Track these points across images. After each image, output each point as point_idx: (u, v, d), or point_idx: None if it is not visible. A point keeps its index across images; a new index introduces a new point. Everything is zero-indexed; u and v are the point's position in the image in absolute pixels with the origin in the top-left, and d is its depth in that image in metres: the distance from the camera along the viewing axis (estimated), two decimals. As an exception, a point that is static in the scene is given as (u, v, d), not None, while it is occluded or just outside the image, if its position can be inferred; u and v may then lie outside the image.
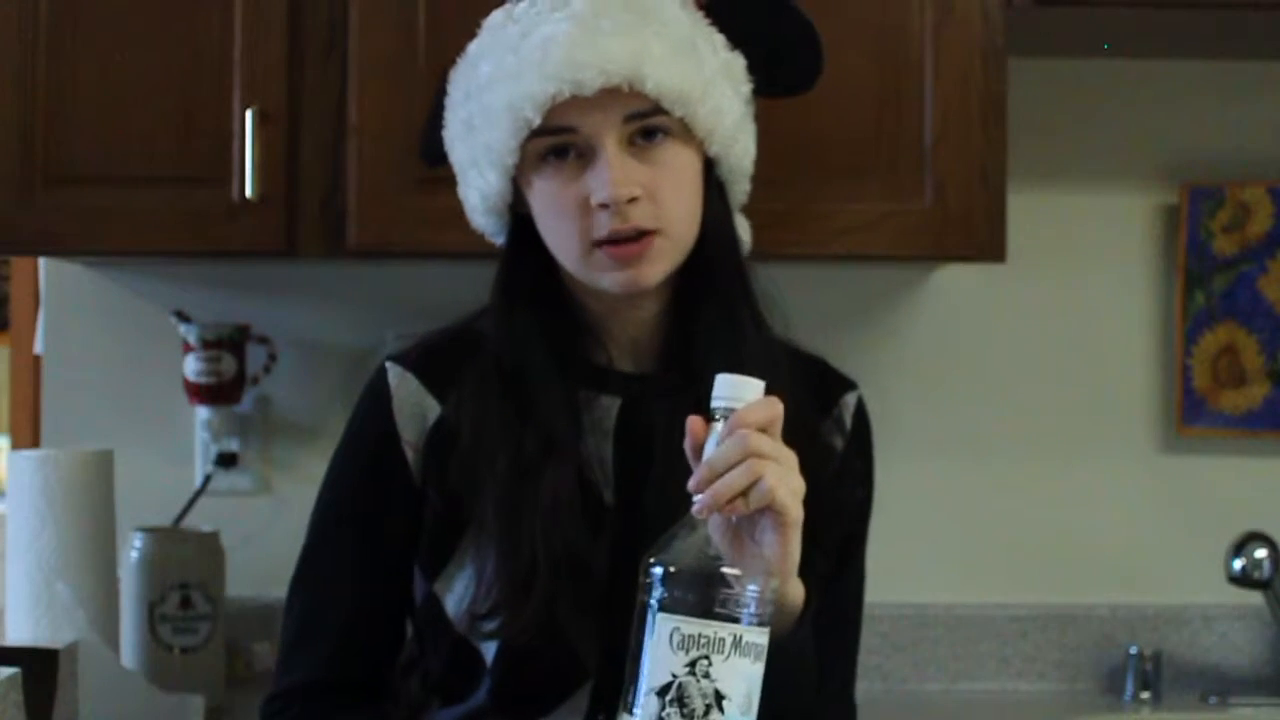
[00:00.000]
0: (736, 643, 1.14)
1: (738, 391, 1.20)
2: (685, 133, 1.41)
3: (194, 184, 2.15)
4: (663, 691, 1.14)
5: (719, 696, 1.14)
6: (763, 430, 1.20)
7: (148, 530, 2.28)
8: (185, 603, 2.24)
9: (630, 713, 1.16)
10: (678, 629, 1.14)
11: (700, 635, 1.14)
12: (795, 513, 1.21)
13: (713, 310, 1.44)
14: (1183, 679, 2.48)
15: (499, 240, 1.53)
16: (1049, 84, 2.49)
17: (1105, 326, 2.54)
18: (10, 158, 2.14)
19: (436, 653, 1.50)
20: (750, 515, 1.20)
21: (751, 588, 1.15)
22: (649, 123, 1.39)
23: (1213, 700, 2.42)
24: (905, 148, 2.16)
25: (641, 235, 1.39)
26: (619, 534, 1.43)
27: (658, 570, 1.16)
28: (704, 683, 1.14)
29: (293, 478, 2.48)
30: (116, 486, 2.12)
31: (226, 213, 2.15)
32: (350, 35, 2.15)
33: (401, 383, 1.49)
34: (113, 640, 2.10)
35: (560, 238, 1.43)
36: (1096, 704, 2.43)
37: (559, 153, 1.41)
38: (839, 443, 1.52)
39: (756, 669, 1.16)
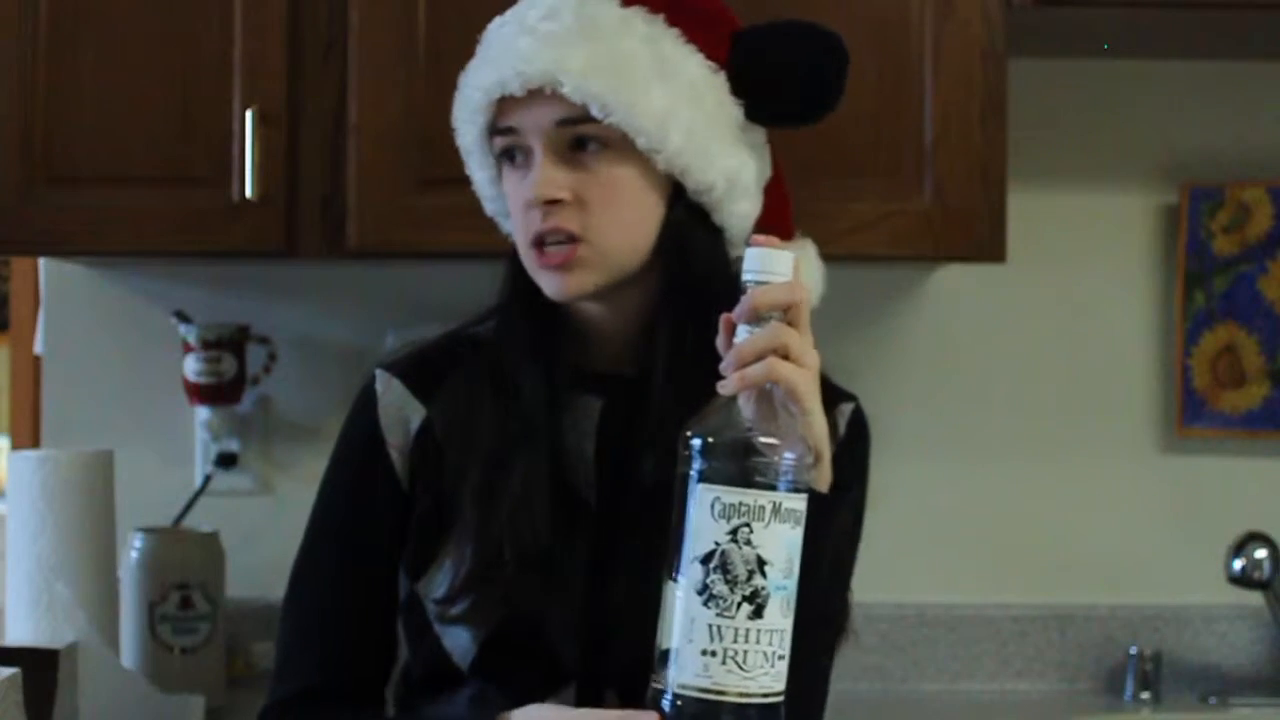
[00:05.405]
0: (776, 509, 1.18)
1: (767, 265, 1.24)
2: (627, 145, 1.41)
3: (194, 184, 2.15)
4: (706, 559, 1.18)
5: (761, 562, 1.18)
6: (785, 309, 1.24)
7: (148, 530, 2.28)
8: (185, 603, 2.24)
9: (674, 580, 1.20)
10: (718, 498, 1.18)
11: (740, 504, 1.18)
12: (804, 389, 1.25)
13: (677, 326, 1.43)
14: (1183, 679, 2.48)
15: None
16: (1049, 84, 2.49)
17: (1105, 326, 2.54)
18: (10, 158, 2.14)
19: (419, 653, 1.50)
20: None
21: (788, 455, 1.20)
22: (580, 130, 1.41)
23: (1213, 700, 2.42)
24: (905, 148, 2.17)
25: (568, 243, 1.41)
26: (599, 535, 1.43)
27: (696, 442, 1.20)
28: (746, 549, 1.18)
29: (293, 478, 2.48)
30: (116, 486, 2.12)
31: (226, 213, 2.15)
32: (350, 35, 2.15)
33: (388, 389, 1.50)
34: (113, 640, 2.10)
35: (514, 235, 1.47)
36: (1096, 704, 2.43)
37: (512, 155, 1.45)
38: (831, 448, 1.51)
39: (796, 534, 1.20)
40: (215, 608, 2.26)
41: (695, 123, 1.42)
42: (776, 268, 1.24)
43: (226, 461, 2.47)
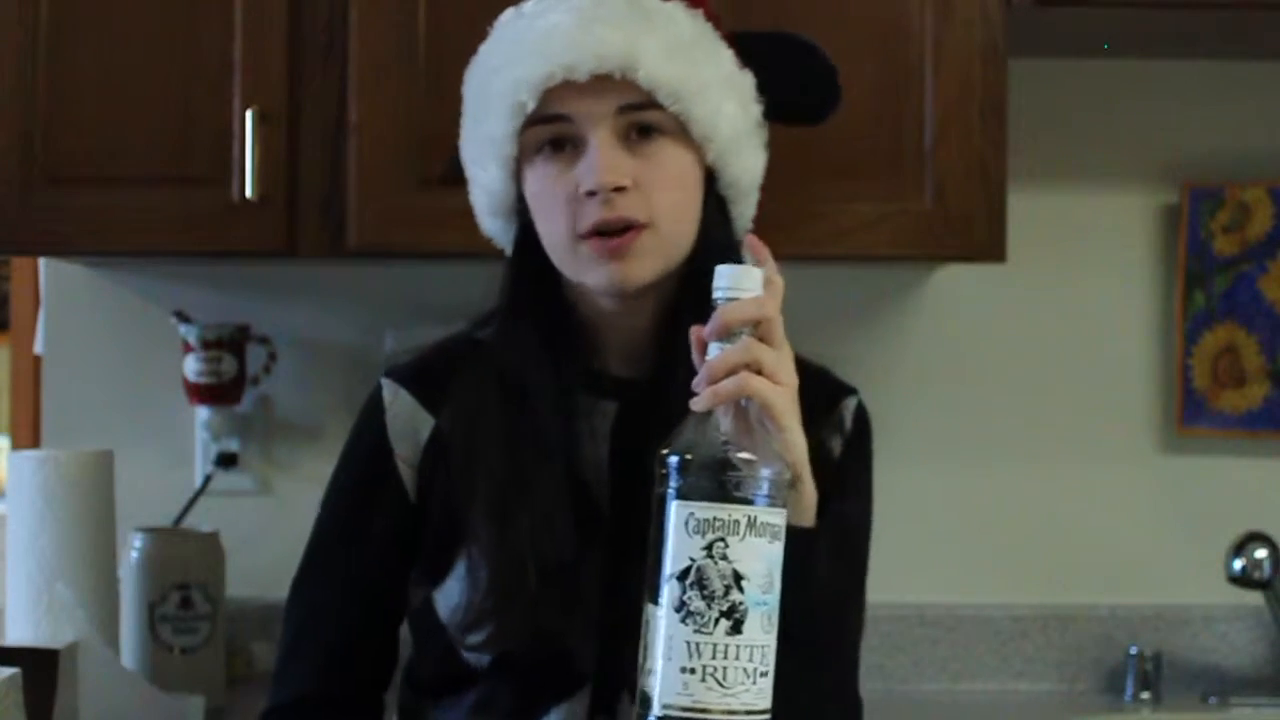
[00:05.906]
0: (751, 523, 1.17)
1: (736, 282, 1.23)
2: (682, 134, 1.41)
3: (194, 184, 2.15)
4: (682, 576, 1.16)
5: (738, 577, 1.16)
6: (756, 325, 1.23)
7: (148, 530, 2.28)
8: (185, 603, 2.24)
9: (655, 603, 1.18)
10: (692, 514, 1.17)
11: (715, 519, 1.16)
12: (780, 406, 1.24)
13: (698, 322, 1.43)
14: (1183, 679, 2.48)
15: (508, 248, 1.52)
16: (1049, 84, 2.49)
17: (1105, 326, 2.54)
18: (10, 158, 2.14)
19: (428, 656, 1.50)
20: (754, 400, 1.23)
21: (764, 471, 1.18)
22: (643, 117, 1.39)
23: (1213, 700, 2.42)
24: (905, 148, 2.16)
25: (627, 229, 1.38)
26: (614, 539, 1.42)
27: (673, 460, 1.19)
28: (722, 564, 1.16)
29: (293, 478, 2.48)
30: (116, 486, 2.12)
31: (226, 213, 2.15)
32: (350, 35, 2.15)
33: (396, 398, 1.49)
34: (113, 640, 2.10)
35: (550, 231, 1.43)
36: (1096, 704, 2.43)
37: (555, 145, 1.41)
38: (837, 445, 1.51)
39: (775, 549, 1.18)
40: (215, 608, 2.26)
41: (736, 116, 1.44)
42: (746, 284, 1.24)
43: (226, 461, 2.47)
